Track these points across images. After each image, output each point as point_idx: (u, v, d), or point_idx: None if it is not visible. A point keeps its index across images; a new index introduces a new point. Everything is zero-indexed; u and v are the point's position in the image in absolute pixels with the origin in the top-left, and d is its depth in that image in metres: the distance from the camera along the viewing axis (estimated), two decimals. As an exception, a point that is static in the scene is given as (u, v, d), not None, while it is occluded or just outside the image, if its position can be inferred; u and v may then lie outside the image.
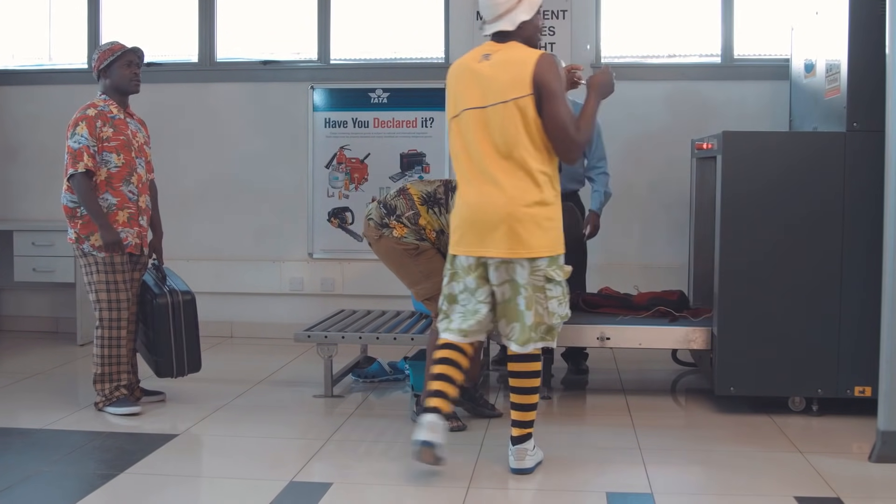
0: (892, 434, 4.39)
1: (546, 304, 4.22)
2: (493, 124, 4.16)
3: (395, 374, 6.03)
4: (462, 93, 4.27)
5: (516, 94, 4.12)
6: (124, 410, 5.27)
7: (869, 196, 4.92)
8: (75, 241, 5.29)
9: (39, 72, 7.96)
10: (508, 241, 4.15)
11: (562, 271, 4.26)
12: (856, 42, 5.05)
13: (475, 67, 4.25)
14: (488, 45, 4.31)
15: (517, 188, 4.15)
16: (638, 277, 6.84)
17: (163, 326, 5.33)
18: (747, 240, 5.16)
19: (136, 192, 5.33)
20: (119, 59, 5.30)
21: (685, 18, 7.36)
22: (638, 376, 6.32)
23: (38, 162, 7.81)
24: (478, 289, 4.29)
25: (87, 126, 5.18)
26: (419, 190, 5.05)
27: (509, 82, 4.14)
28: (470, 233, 4.24)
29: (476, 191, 4.22)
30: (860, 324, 5.00)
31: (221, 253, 7.59)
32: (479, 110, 4.19)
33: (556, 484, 4.24)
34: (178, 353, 5.38)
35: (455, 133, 4.30)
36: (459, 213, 4.31)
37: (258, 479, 4.32)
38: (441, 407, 4.25)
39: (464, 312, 4.34)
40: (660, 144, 7.16)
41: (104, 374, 5.31)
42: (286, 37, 7.76)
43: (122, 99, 5.38)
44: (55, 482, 4.20)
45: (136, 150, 5.34)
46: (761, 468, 4.39)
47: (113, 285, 5.25)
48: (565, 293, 4.29)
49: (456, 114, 4.28)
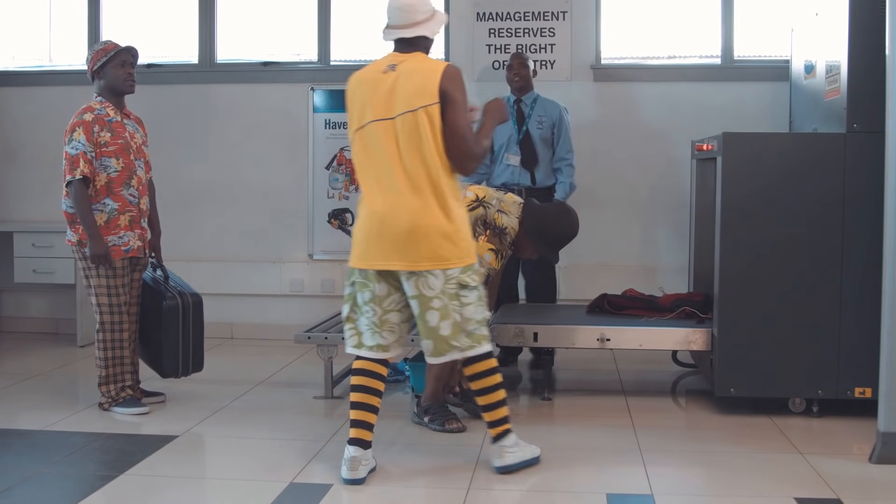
0: (893, 435, 4.38)
1: (462, 310, 4.15)
2: (401, 135, 4.10)
3: (395, 376, 6.02)
4: (366, 105, 4.19)
5: (424, 102, 4.07)
6: (133, 411, 5.31)
7: (869, 197, 4.92)
8: (76, 244, 5.30)
9: (39, 73, 7.96)
10: (417, 253, 4.08)
11: (477, 275, 4.22)
12: (856, 43, 5.05)
13: (379, 79, 4.20)
14: (392, 56, 4.28)
15: (425, 200, 4.08)
16: (638, 279, 6.84)
17: (172, 328, 5.34)
18: (747, 241, 5.16)
19: (136, 195, 5.33)
20: (113, 59, 5.25)
21: (685, 19, 7.36)
22: (638, 377, 6.32)
23: (38, 163, 7.81)
24: (388, 296, 4.21)
25: (84, 132, 5.15)
26: None
27: (416, 91, 4.09)
28: (375, 245, 4.14)
29: (383, 202, 4.12)
30: (860, 325, 5.00)
31: (222, 254, 7.59)
32: (387, 121, 4.12)
33: (556, 485, 4.24)
34: (184, 354, 5.41)
35: (360, 145, 4.22)
36: (364, 226, 4.19)
37: (258, 480, 4.32)
38: (361, 437, 4.22)
39: (370, 325, 4.24)
40: (660, 146, 7.16)
41: (108, 375, 5.34)
42: (286, 38, 7.76)
43: (118, 100, 5.35)
44: (55, 483, 4.20)
45: (134, 152, 5.33)
46: (761, 469, 4.39)
47: (113, 289, 5.27)
48: (482, 297, 4.23)
49: (361, 125, 4.20)
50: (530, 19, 7.29)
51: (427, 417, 5.00)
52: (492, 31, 7.33)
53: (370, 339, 4.24)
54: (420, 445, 4.75)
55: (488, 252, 4.91)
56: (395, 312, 4.23)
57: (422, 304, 4.13)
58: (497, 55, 7.30)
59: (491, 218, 4.92)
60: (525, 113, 6.45)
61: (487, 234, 4.90)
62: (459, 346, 4.18)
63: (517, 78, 6.46)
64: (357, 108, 4.24)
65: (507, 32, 7.31)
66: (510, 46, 7.27)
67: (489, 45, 7.33)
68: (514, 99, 6.50)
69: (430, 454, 4.63)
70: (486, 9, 7.32)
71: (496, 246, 4.93)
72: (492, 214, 4.93)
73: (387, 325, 4.23)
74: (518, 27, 7.30)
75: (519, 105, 6.48)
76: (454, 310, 4.14)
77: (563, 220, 5.17)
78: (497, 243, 4.92)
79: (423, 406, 5.06)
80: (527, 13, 7.30)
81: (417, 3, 4.27)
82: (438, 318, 4.13)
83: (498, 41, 7.32)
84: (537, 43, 7.27)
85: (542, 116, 6.44)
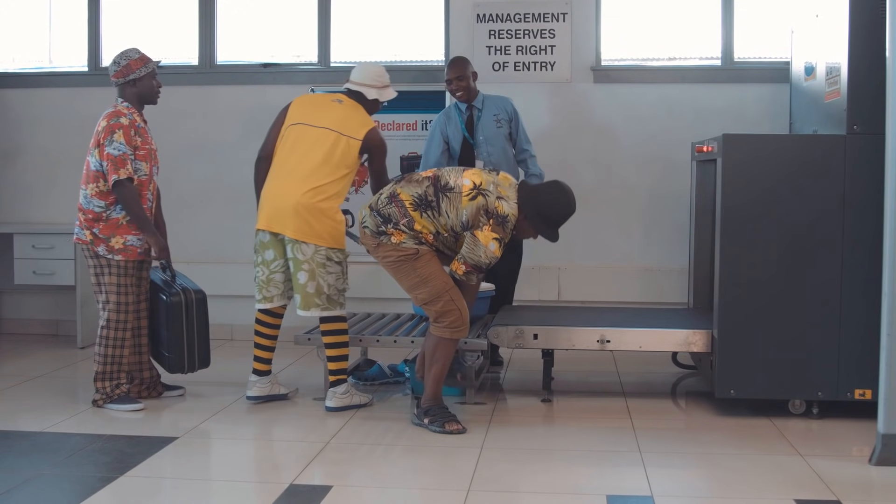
0: (893, 437, 4.38)
1: (325, 278, 5.28)
2: (320, 142, 5.34)
3: (395, 377, 6.02)
4: (304, 111, 5.49)
5: (351, 134, 5.36)
6: (126, 408, 5.37)
7: (869, 199, 4.92)
8: (89, 243, 5.36)
9: (39, 75, 7.96)
10: (300, 226, 5.23)
11: (342, 255, 5.36)
12: (856, 45, 5.05)
13: (325, 100, 5.60)
14: (341, 96, 5.58)
15: (315, 189, 5.25)
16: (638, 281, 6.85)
17: (176, 324, 5.46)
18: (747, 242, 5.16)
19: (151, 199, 5.51)
20: (152, 71, 5.49)
21: (685, 21, 7.36)
22: (638, 379, 6.32)
23: (39, 165, 7.82)
24: (274, 260, 5.40)
25: (123, 134, 5.31)
26: (410, 194, 4.98)
27: (348, 125, 5.38)
28: (271, 212, 5.33)
29: (284, 181, 5.32)
30: (860, 326, 5.00)
31: (222, 255, 7.59)
32: (316, 128, 5.37)
33: (556, 486, 4.24)
34: (189, 349, 5.52)
35: (286, 137, 5.45)
36: (266, 196, 5.40)
37: (258, 481, 4.33)
38: (257, 367, 5.56)
39: (260, 284, 5.48)
40: (660, 147, 7.16)
41: (105, 372, 5.40)
42: (286, 39, 7.77)
43: (141, 108, 5.53)
44: (56, 485, 4.21)
45: (153, 158, 5.53)
46: (761, 471, 4.39)
47: (123, 288, 5.36)
48: (343, 272, 5.38)
49: (293, 123, 5.44)
50: (530, 21, 7.30)
51: (427, 419, 5.00)
52: (492, 32, 7.33)
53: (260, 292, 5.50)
54: (420, 447, 4.75)
55: (492, 241, 4.86)
56: (279, 273, 5.42)
57: (295, 265, 5.29)
58: (497, 56, 7.30)
59: (492, 207, 4.87)
60: (476, 117, 6.32)
61: (491, 223, 4.88)
62: (320, 304, 5.30)
63: (459, 91, 6.32)
64: (294, 113, 5.50)
65: (507, 34, 7.31)
66: (510, 48, 7.28)
67: (489, 47, 7.33)
68: (466, 106, 6.37)
69: (431, 456, 4.63)
70: (486, 10, 7.33)
71: (500, 234, 4.91)
72: (492, 203, 4.88)
73: (272, 283, 5.44)
74: (518, 29, 7.30)
75: (471, 110, 6.36)
76: (319, 275, 5.27)
77: (561, 199, 5.05)
78: (500, 231, 4.90)
79: (423, 407, 5.06)
80: (527, 15, 7.30)
81: (383, 75, 5.63)
82: (307, 279, 5.27)
83: (498, 43, 7.32)
84: (537, 44, 7.28)
85: (499, 114, 6.32)
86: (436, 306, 4.96)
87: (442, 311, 4.96)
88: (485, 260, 4.88)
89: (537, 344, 5.58)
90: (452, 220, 4.91)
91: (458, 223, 4.91)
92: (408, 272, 4.98)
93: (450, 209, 4.90)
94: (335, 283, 5.32)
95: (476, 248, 4.86)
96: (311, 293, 5.27)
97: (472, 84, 6.36)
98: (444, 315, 4.97)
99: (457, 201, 4.90)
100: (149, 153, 5.45)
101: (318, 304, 5.29)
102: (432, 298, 4.95)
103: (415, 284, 4.99)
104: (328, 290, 5.29)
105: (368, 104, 5.56)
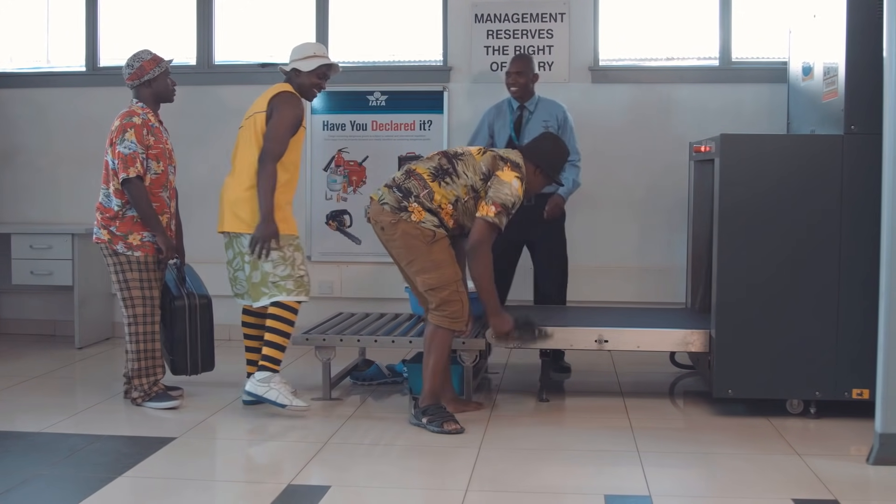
0: (890, 436, 4.39)
1: (265, 265, 5.23)
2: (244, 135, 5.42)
3: (393, 377, 6.02)
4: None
5: (258, 109, 5.36)
6: (165, 405, 5.45)
7: (867, 198, 4.92)
8: (107, 241, 5.43)
9: (37, 74, 7.96)
10: (231, 219, 5.33)
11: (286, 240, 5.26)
12: (853, 45, 5.06)
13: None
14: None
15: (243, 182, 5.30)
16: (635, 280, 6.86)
17: (180, 327, 5.51)
18: (745, 242, 5.16)
19: (169, 198, 5.58)
20: (165, 70, 5.52)
21: (683, 21, 7.36)
22: (636, 379, 6.33)
23: (36, 165, 7.82)
24: (234, 259, 5.45)
25: (135, 134, 5.36)
26: (426, 167, 5.10)
27: (258, 104, 5.39)
28: (219, 213, 5.44)
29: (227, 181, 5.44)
30: (858, 326, 5.01)
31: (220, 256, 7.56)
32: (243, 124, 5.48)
33: (554, 486, 4.25)
34: (192, 352, 5.56)
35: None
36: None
37: (256, 482, 4.33)
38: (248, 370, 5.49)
39: (230, 281, 5.53)
40: (658, 147, 7.16)
41: (141, 368, 5.46)
42: (284, 39, 7.75)
43: (157, 107, 5.58)
44: (54, 485, 4.21)
45: (168, 158, 5.56)
46: (759, 470, 4.39)
47: (147, 283, 5.44)
48: (283, 258, 5.26)
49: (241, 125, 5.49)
50: (528, 21, 7.30)
51: (426, 419, 5.01)
52: (490, 32, 7.33)
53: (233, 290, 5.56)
54: (418, 447, 4.75)
55: (515, 179, 5.02)
56: (240, 271, 5.43)
57: (240, 258, 5.37)
58: (495, 56, 7.31)
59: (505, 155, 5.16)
60: (525, 119, 6.34)
61: (508, 165, 5.06)
62: (268, 293, 5.28)
63: (514, 87, 6.33)
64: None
65: (506, 34, 7.31)
66: (508, 48, 7.28)
67: (487, 47, 7.33)
68: (518, 105, 6.39)
69: (429, 455, 4.64)
70: (485, 10, 7.33)
71: (519, 174, 5.06)
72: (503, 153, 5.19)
73: (237, 282, 5.49)
74: (516, 28, 7.30)
75: (522, 111, 6.37)
76: (262, 264, 5.24)
77: (559, 143, 5.41)
78: (519, 172, 5.07)
79: (422, 407, 5.07)
80: (525, 15, 7.30)
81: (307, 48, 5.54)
82: (250, 270, 5.31)
83: (496, 42, 7.33)
84: (535, 44, 7.28)
85: (548, 121, 6.32)
86: (442, 293, 5.00)
87: (447, 300, 5.01)
88: (510, 198, 4.97)
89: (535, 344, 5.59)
90: (472, 177, 5.02)
91: (479, 177, 5.03)
92: (422, 254, 5.01)
93: (466, 169, 5.04)
94: (274, 269, 5.25)
95: (501, 187, 4.97)
96: (257, 283, 5.30)
97: (531, 85, 6.36)
98: (447, 304, 5.01)
99: (471, 160, 5.09)
100: (162, 152, 5.48)
101: (265, 292, 5.29)
102: (440, 285, 4.99)
103: (426, 267, 5.01)
104: (272, 278, 5.25)
105: (297, 82, 5.45)
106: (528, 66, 6.35)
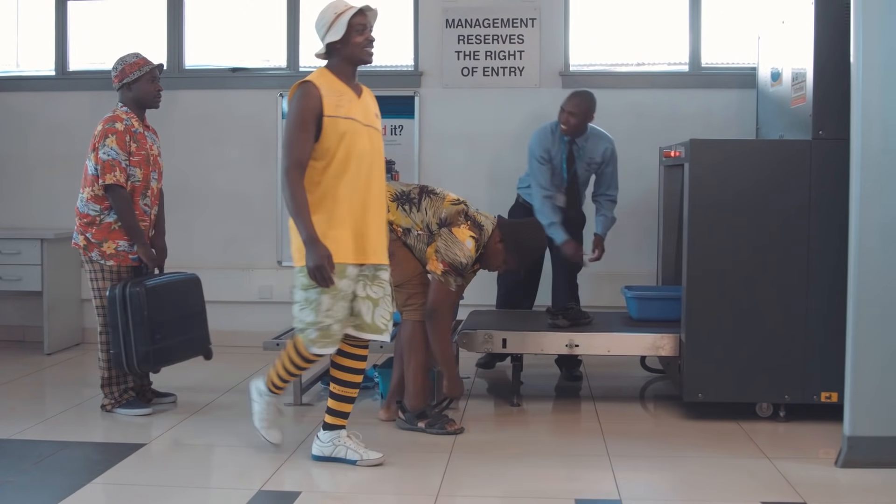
0: (858, 439, 4.43)
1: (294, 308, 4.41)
2: None
3: (364, 383, 6.00)
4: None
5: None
6: (136, 412, 5.39)
7: (834, 203, 4.96)
8: (83, 247, 5.35)
9: (6, 79, 7.90)
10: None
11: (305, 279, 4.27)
12: (821, 51, 5.10)
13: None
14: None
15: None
16: (605, 285, 6.87)
17: (112, 319, 5.21)
18: (714, 246, 5.19)
19: (149, 205, 5.49)
20: (147, 74, 5.39)
21: (653, 27, 7.40)
22: (607, 383, 6.34)
23: (5, 169, 7.74)
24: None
25: (117, 141, 5.27)
26: (394, 188, 5.12)
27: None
28: None
29: None
30: (826, 330, 5.04)
31: (190, 261, 7.52)
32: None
33: (524, 490, 4.25)
34: (126, 346, 5.18)
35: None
36: None
37: (227, 487, 4.31)
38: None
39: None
40: (628, 152, 7.15)
41: (111, 377, 5.39)
42: (255, 44, 7.75)
43: (141, 112, 5.48)
44: (23, 492, 4.17)
45: (151, 164, 5.47)
46: (729, 473, 4.42)
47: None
48: (308, 301, 4.32)
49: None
50: (499, 26, 7.31)
51: (423, 423, 5.00)
52: (461, 37, 7.34)
53: None
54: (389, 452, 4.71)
55: (469, 239, 4.97)
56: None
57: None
58: (466, 62, 7.32)
59: (472, 214, 5.07)
60: (576, 155, 6.25)
61: (468, 223, 5.01)
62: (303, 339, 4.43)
63: (564, 126, 6.13)
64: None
65: (476, 39, 7.33)
66: (479, 53, 7.29)
67: (458, 52, 7.34)
68: (568, 140, 6.22)
69: (400, 460, 4.62)
70: (455, 15, 7.33)
71: (476, 235, 5.00)
72: (472, 213, 5.08)
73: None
74: (487, 34, 7.32)
75: (571, 147, 6.24)
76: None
77: (538, 233, 5.34)
78: (477, 233, 5.01)
79: (414, 412, 5.05)
80: (496, 20, 7.32)
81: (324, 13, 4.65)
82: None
83: (467, 48, 7.34)
84: (506, 50, 7.30)
85: (594, 158, 6.25)
86: (406, 289, 5.02)
87: (411, 293, 5.04)
88: (461, 258, 4.92)
89: (506, 349, 5.60)
90: (430, 217, 5.00)
91: (435, 220, 5.00)
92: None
93: (429, 207, 5.03)
94: (300, 313, 4.39)
95: (453, 245, 4.92)
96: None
97: (585, 126, 6.19)
98: (413, 297, 5.04)
99: (438, 203, 5.05)
100: (144, 159, 5.39)
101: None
102: (403, 281, 5.00)
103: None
104: (295, 322, 4.48)
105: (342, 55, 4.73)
106: (586, 109, 6.14)
